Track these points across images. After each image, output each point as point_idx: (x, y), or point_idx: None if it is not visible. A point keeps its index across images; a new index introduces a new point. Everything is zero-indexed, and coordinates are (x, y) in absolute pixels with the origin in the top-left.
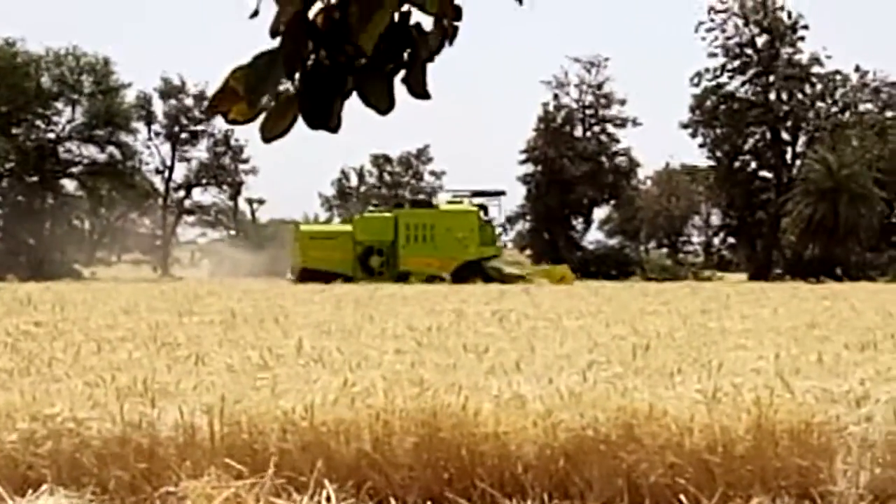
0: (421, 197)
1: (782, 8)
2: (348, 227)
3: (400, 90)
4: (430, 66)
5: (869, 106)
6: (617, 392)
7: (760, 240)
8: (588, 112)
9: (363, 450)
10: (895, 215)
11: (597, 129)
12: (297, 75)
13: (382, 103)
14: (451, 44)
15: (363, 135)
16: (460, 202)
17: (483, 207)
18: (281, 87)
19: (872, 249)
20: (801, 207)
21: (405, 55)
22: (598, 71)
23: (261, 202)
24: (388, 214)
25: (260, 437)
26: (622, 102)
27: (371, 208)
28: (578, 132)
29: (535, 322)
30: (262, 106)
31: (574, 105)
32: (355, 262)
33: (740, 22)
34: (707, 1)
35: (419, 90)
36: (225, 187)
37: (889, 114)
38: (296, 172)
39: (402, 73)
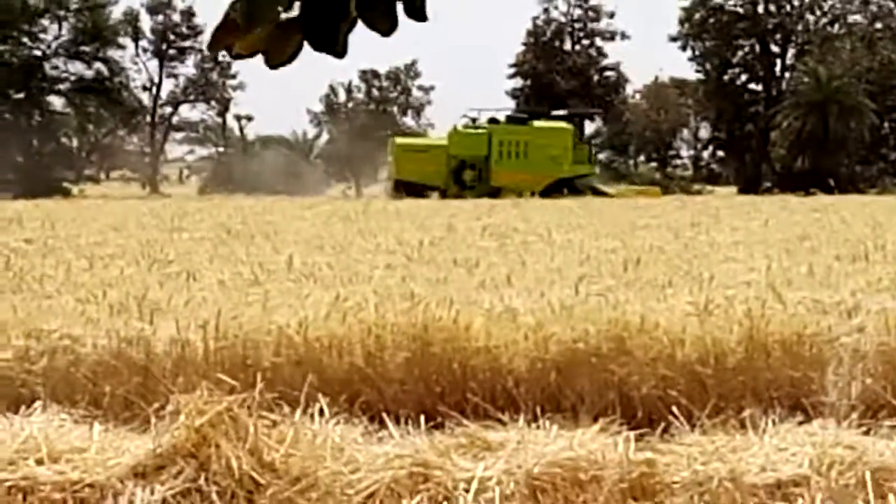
0: (517, 114)
1: None
2: (443, 141)
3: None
4: None
5: (858, 17)
6: (608, 305)
7: (750, 153)
8: (577, 26)
9: (355, 364)
10: (885, 127)
11: (586, 42)
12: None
13: (384, 25)
14: None
15: (351, 49)
16: (557, 119)
17: (580, 126)
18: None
19: (862, 162)
20: (791, 120)
21: None
22: None
23: (249, 118)
24: (482, 130)
25: (253, 352)
26: (611, 15)
27: (466, 122)
28: (567, 46)
29: (526, 236)
30: (263, 34)
31: (563, 19)
32: (448, 176)
33: None
34: None
35: (419, 13)
36: (213, 103)
37: (879, 25)
38: (284, 88)
39: None
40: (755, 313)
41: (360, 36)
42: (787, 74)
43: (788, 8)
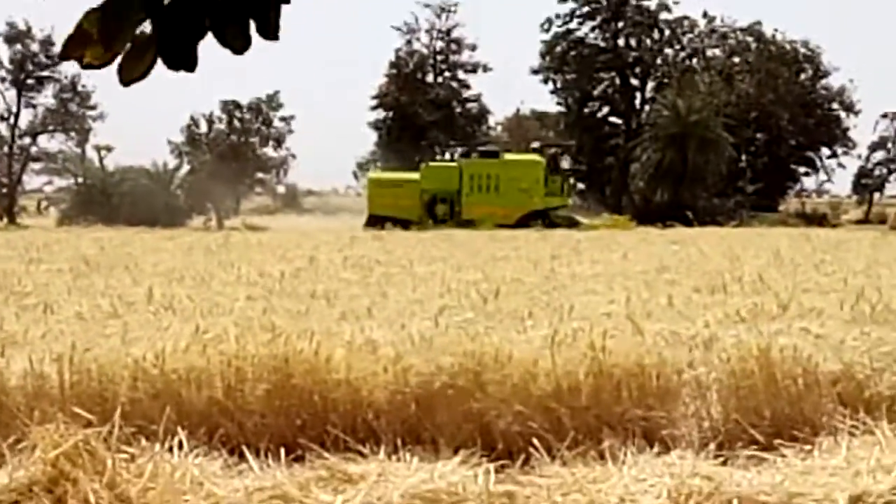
0: (488, 147)
1: None
2: (415, 176)
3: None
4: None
5: (717, 52)
6: (467, 337)
7: (610, 185)
8: (439, 58)
9: (215, 397)
10: (742, 161)
11: (448, 74)
12: (154, 16)
13: (238, 42)
14: None
15: (213, 79)
16: (530, 152)
17: (554, 158)
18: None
19: (720, 195)
20: (650, 153)
21: None
22: (449, 16)
23: (109, 149)
24: (453, 164)
25: (110, 384)
26: (473, 48)
27: (438, 157)
28: (430, 78)
29: (388, 268)
30: (118, 49)
31: (425, 51)
32: (422, 210)
33: None
34: None
35: (271, 32)
36: (72, 134)
37: (736, 59)
38: (144, 119)
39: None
40: (609, 346)
41: (221, 66)
42: (646, 107)
43: (648, 42)
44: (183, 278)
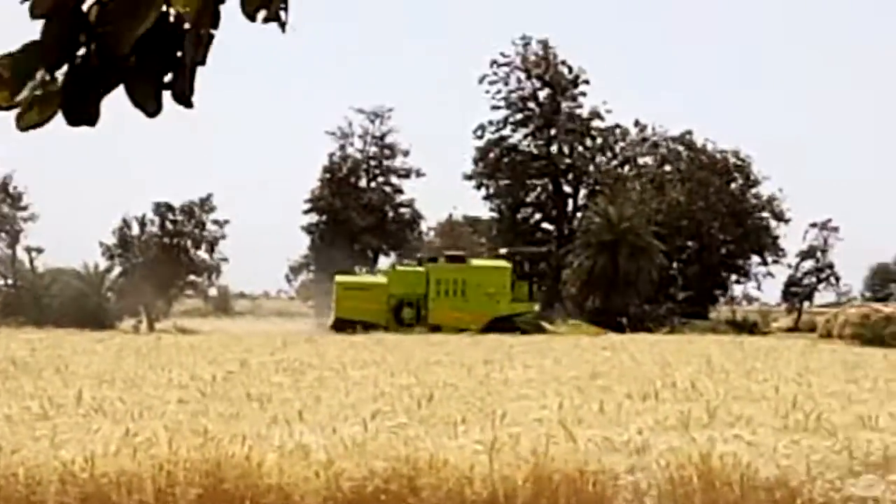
0: (455, 252)
1: (563, 62)
2: (383, 280)
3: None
4: (215, 109)
5: (648, 160)
6: (400, 441)
7: (542, 292)
8: (372, 163)
9: (145, 501)
10: (673, 268)
11: (381, 179)
12: (62, 68)
13: (150, 105)
14: (206, 51)
15: (144, 183)
16: (498, 258)
17: (520, 264)
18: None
19: (651, 301)
20: (582, 259)
21: (174, 59)
22: (382, 121)
23: (39, 251)
24: (420, 269)
25: (38, 488)
26: (406, 153)
27: (406, 262)
28: (363, 183)
29: (321, 371)
30: (25, 95)
31: (359, 155)
32: (388, 314)
33: (522, 75)
34: (490, 54)
35: (183, 97)
36: (3, 235)
37: (667, 167)
38: (75, 220)
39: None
40: (543, 451)
41: (156, 170)
42: (578, 214)
43: (581, 149)
44: (113, 380)
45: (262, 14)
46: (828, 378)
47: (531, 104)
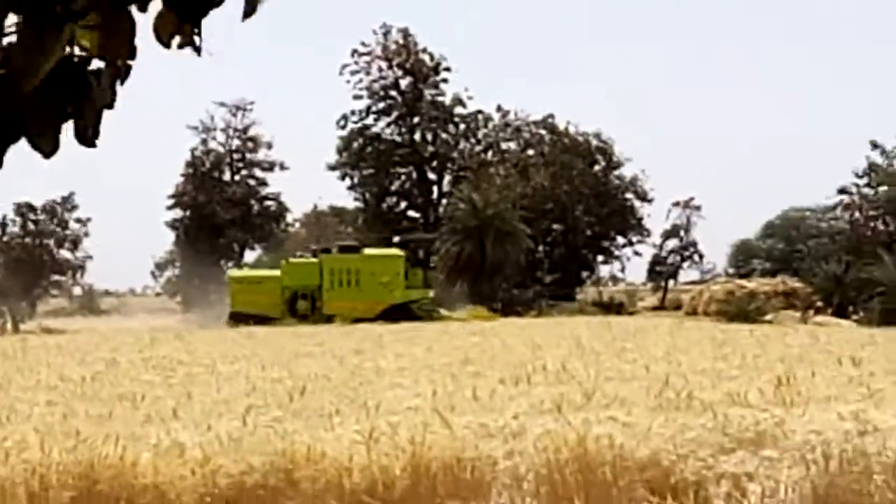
0: (348, 243)
1: (424, 50)
2: (276, 273)
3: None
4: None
5: (512, 145)
6: (276, 436)
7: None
8: (236, 156)
9: None
10: (539, 251)
11: (245, 173)
12: None
13: (47, 146)
14: (122, 83)
15: (4, 184)
16: (393, 247)
17: (415, 252)
18: None
19: (518, 285)
20: (449, 246)
21: (77, 100)
22: (245, 114)
23: None
24: (313, 260)
25: None
26: (269, 146)
27: (299, 254)
28: (227, 176)
29: (191, 368)
30: None
31: (221, 149)
32: (283, 306)
33: (384, 64)
34: (351, 43)
35: (87, 138)
36: None
37: (531, 152)
38: None
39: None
40: (419, 439)
41: (15, 170)
42: (444, 201)
43: (444, 136)
44: None
45: (176, 40)
46: (696, 356)
47: (393, 93)
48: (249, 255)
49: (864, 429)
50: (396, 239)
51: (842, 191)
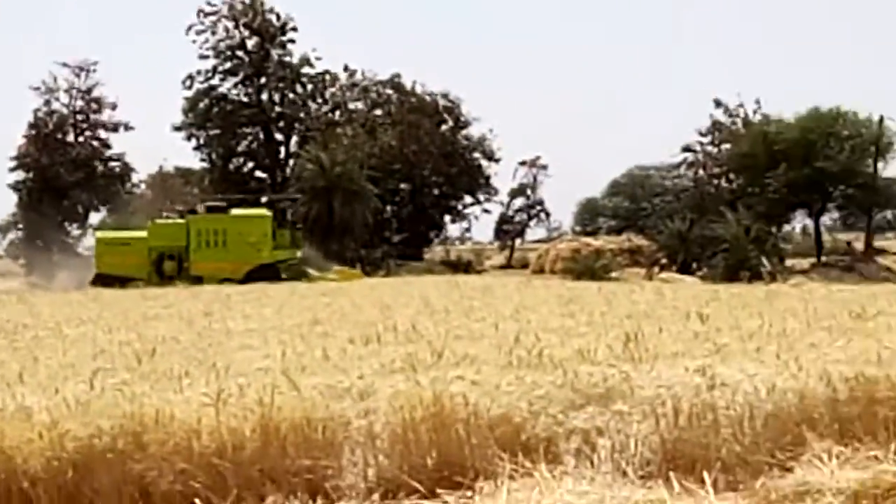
0: (215, 203)
1: (271, 10)
2: (143, 234)
3: None
4: None
5: (359, 105)
6: (125, 399)
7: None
8: (79, 118)
9: None
10: (387, 211)
11: (89, 134)
12: None
13: None
14: None
15: None
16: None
17: (282, 211)
18: None
19: (366, 245)
20: (297, 206)
21: None
22: (88, 75)
23: None
24: (180, 220)
25: None
26: (113, 107)
27: (166, 214)
28: (71, 138)
29: (36, 331)
30: None
31: (65, 111)
32: (150, 267)
33: (230, 24)
34: (196, 3)
35: None
36: None
37: (378, 112)
38: None
39: None
40: (268, 401)
41: None
42: (291, 161)
43: (291, 96)
44: None
45: None
46: (545, 314)
47: (240, 53)
48: (94, 217)
49: (712, 383)
50: (264, 199)
51: (686, 149)
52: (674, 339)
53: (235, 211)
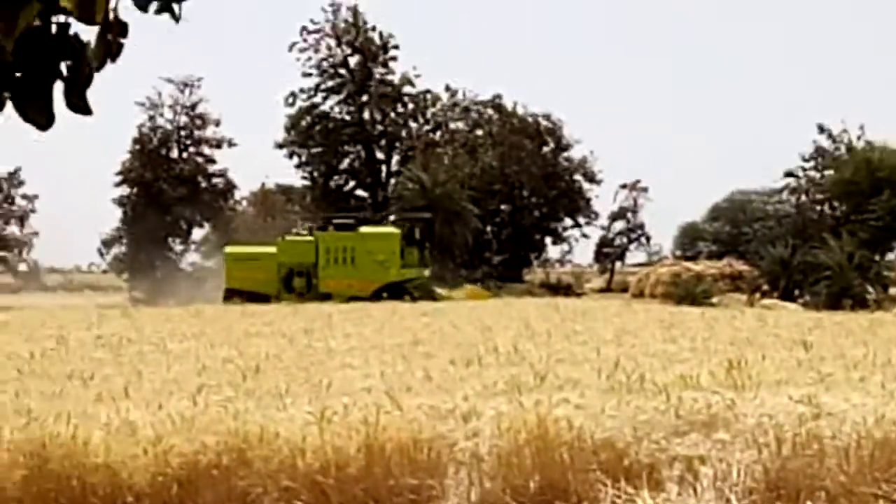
0: (345, 220)
1: (373, 28)
2: (272, 249)
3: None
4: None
5: (460, 125)
6: (228, 415)
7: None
8: (183, 133)
9: None
10: (487, 231)
11: (193, 150)
12: None
13: (41, 118)
14: (113, 60)
15: None
16: (387, 225)
17: (412, 230)
18: None
19: (466, 265)
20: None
21: (65, 69)
22: (192, 91)
23: None
24: (309, 237)
25: None
26: (217, 123)
27: (296, 230)
28: (175, 153)
29: (140, 346)
30: None
31: (169, 126)
32: (279, 283)
33: (333, 42)
34: (300, 21)
35: (79, 105)
36: None
37: (479, 132)
38: None
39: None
40: (372, 420)
41: None
42: (392, 180)
43: (393, 115)
44: None
45: (154, 5)
46: (646, 338)
47: (342, 71)
48: (197, 233)
49: (817, 412)
50: (392, 217)
51: (788, 174)
52: (777, 366)
53: (364, 228)
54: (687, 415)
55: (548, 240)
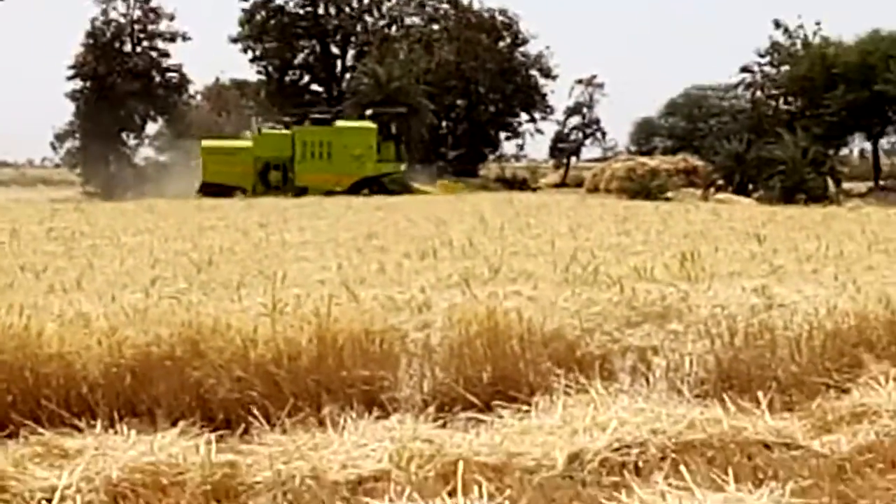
0: (321, 115)
1: None
2: (249, 143)
3: None
4: None
5: (416, 20)
6: (182, 307)
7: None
8: (137, 27)
9: None
10: (443, 127)
11: (146, 44)
12: None
13: None
14: None
15: None
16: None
17: (387, 125)
18: None
19: (422, 161)
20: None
21: None
22: None
23: None
24: (286, 131)
25: None
26: (171, 17)
27: (272, 125)
28: (128, 47)
29: (93, 240)
30: None
31: (122, 20)
32: (255, 177)
33: None
34: None
35: None
36: None
37: (435, 27)
38: None
39: None
40: (325, 311)
41: None
42: (347, 75)
43: (348, 10)
44: None
45: None
46: (600, 232)
47: None
48: (151, 128)
49: (769, 303)
50: (368, 112)
51: (744, 69)
52: (730, 259)
53: (340, 123)
54: (640, 306)
55: (503, 135)
